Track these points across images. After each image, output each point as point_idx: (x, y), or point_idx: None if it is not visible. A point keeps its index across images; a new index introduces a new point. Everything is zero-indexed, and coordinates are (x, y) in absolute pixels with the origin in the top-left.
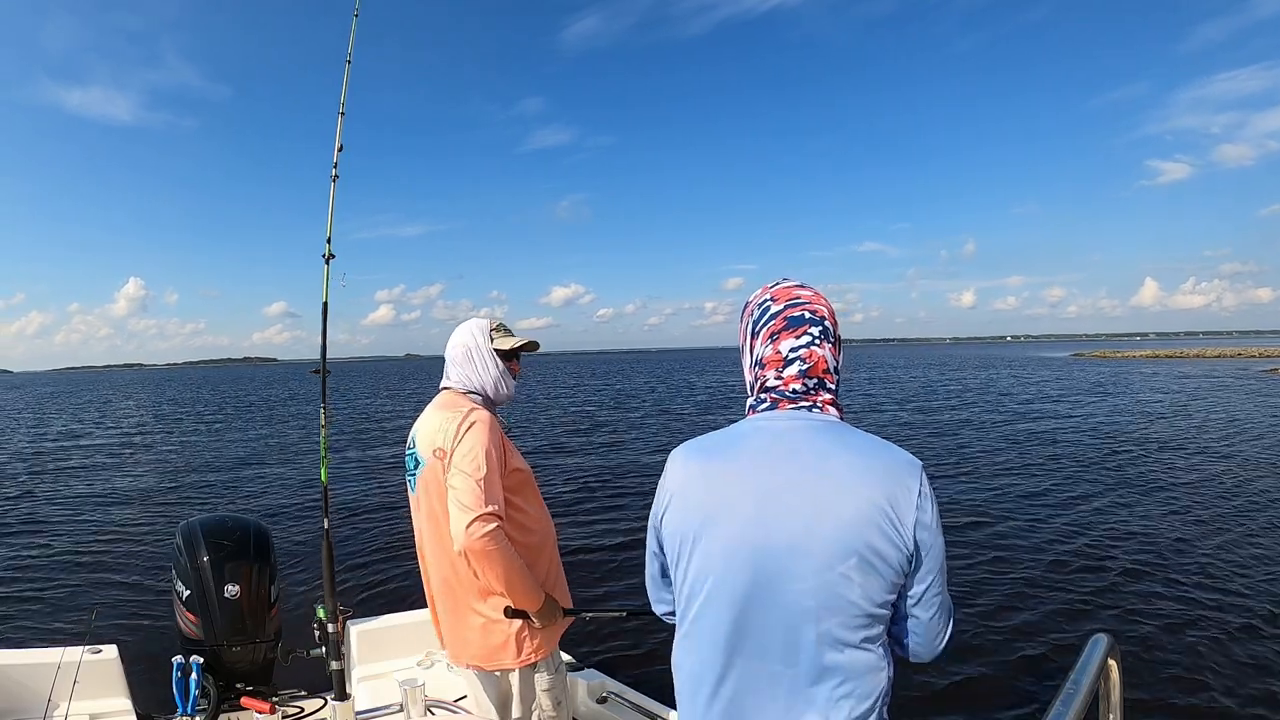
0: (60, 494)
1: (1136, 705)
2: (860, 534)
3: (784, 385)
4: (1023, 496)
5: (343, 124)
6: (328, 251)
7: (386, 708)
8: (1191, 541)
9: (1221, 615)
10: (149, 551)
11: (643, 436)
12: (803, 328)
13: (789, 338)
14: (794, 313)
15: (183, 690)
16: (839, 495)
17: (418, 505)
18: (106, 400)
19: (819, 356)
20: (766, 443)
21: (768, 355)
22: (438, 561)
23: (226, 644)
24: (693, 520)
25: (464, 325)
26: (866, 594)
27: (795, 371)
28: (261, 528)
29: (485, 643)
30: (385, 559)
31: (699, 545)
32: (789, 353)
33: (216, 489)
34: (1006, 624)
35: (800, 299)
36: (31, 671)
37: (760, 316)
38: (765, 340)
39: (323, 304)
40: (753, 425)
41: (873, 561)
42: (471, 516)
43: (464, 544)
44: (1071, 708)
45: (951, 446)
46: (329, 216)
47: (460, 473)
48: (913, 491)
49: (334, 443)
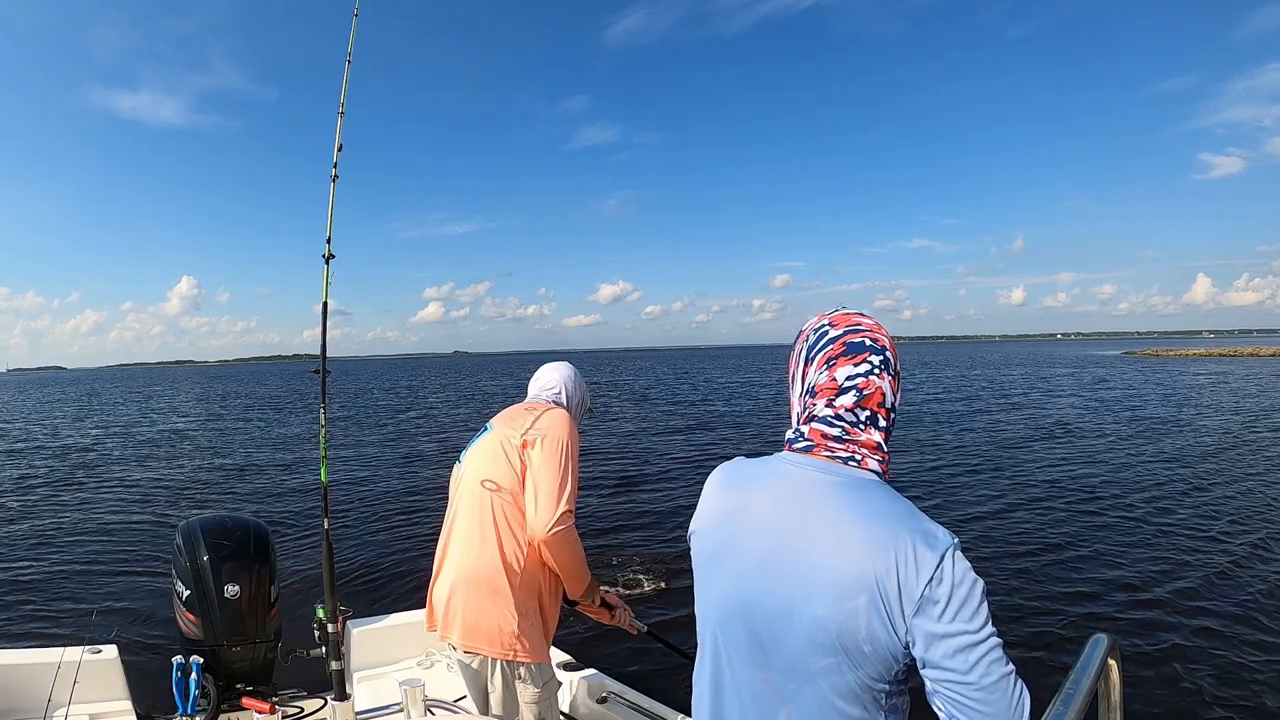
0: (61, 494)
1: (1137, 705)
2: (848, 614)
3: (834, 414)
4: (1023, 496)
5: (342, 123)
6: (327, 251)
7: (386, 708)
8: (1193, 541)
9: (1222, 615)
10: (149, 551)
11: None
12: (863, 355)
13: (847, 364)
14: (854, 339)
15: (183, 690)
16: (838, 562)
17: (461, 477)
18: (136, 399)
19: (877, 387)
20: (786, 493)
21: (821, 383)
22: (475, 539)
23: (226, 644)
24: (705, 556)
25: (564, 366)
26: (857, 673)
27: (850, 401)
28: (261, 528)
29: (500, 628)
30: (385, 559)
31: (706, 580)
32: (845, 380)
33: (217, 489)
34: (1006, 624)
35: (862, 326)
36: (31, 671)
37: (816, 341)
38: (820, 366)
39: (322, 304)
40: (780, 466)
41: (861, 644)
42: (558, 510)
43: (545, 533)
44: (1071, 708)
45: (945, 445)
46: (329, 216)
47: (548, 467)
48: (918, 580)
49: (348, 439)
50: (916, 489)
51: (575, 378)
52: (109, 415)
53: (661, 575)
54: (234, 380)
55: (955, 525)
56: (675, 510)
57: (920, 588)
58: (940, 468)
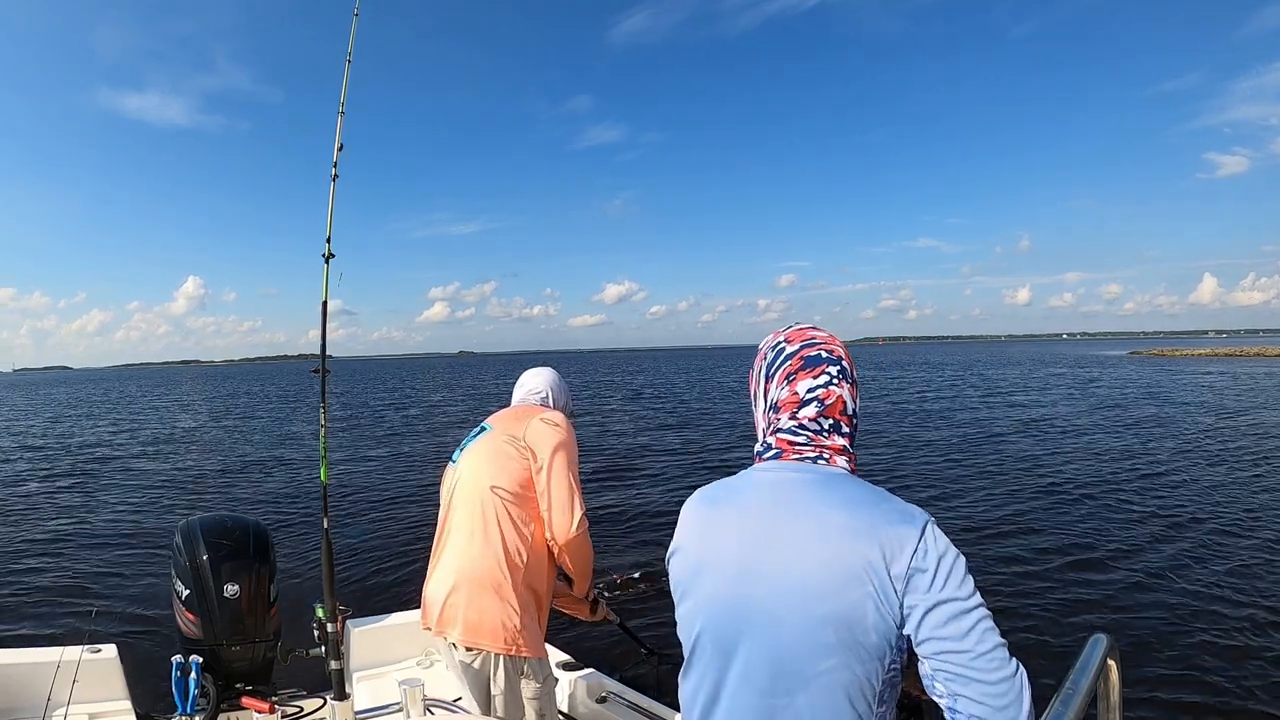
0: (60, 493)
1: (1136, 705)
2: (839, 602)
3: (798, 425)
4: (1023, 494)
5: (343, 123)
6: (327, 251)
7: (386, 708)
8: (1193, 541)
9: (1222, 616)
10: (149, 551)
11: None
12: (820, 367)
13: (806, 378)
14: (810, 352)
15: (182, 690)
16: (818, 558)
17: (459, 477)
18: (139, 398)
19: (837, 396)
20: (760, 495)
21: (783, 398)
22: (476, 536)
23: (226, 643)
24: (687, 570)
25: (548, 370)
26: (852, 664)
27: (812, 412)
28: (261, 527)
29: (504, 624)
30: (385, 559)
31: (689, 596)
32: (806, 393)
33: (217, 488)
34: (1005, 624)
35: (816, 339)
36: (31, 671)
37: (775, 359)
38: (781, 383)
39: (322, 303)
40: (751, 477)
41: (854, 630)
42: (578, 515)
43: (568, 537)
44: (1071, 708)
45: (944, 445)
46: (329, 216)
47: (562, 474)
48: (902, 555)
49: (348, 439)
50: (904, 486)
51: (559, 383)
52: (110, 415)
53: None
54: (238, 380)
55: (954, 528)
56: (656, 510)
57: (906, 562)
58: (934, 466)
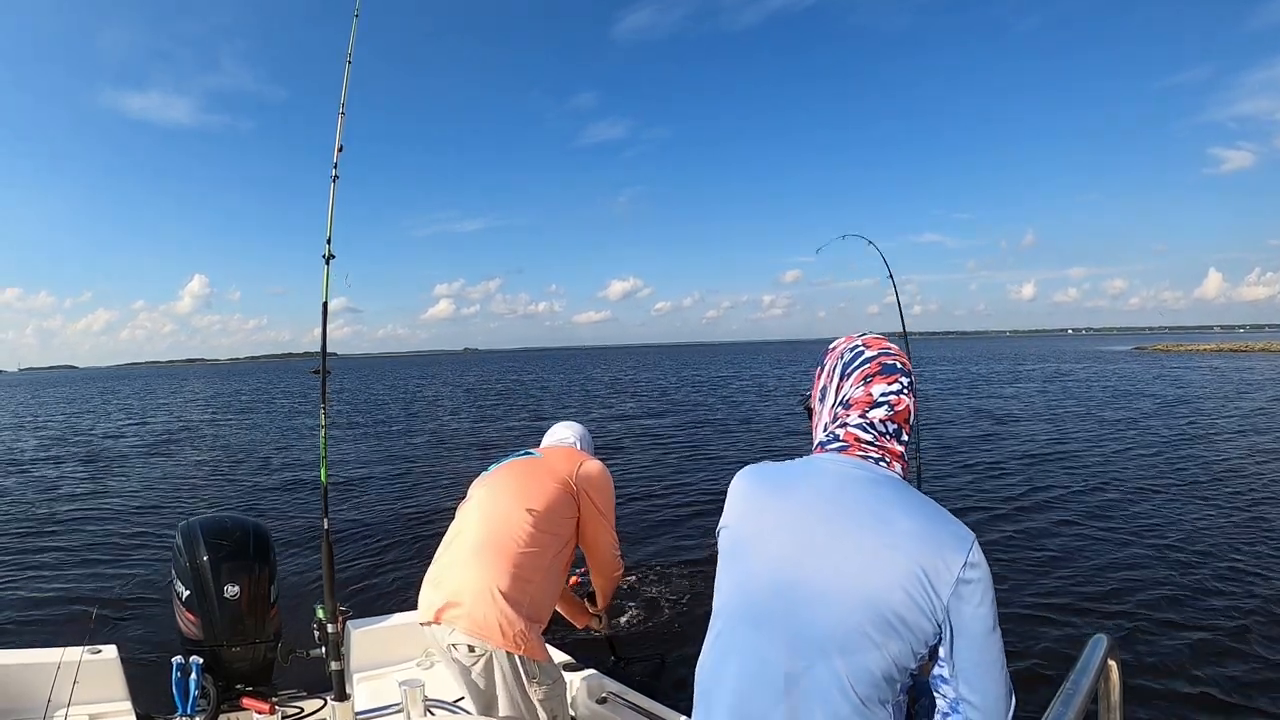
0: (60, 493)
1: (1137, 705)
2: (889, 595)
3: (867, 423)
4: (1023, 494)
5: (343, 124)
6: (328, 252)
7: (386, 708)
8: (1194, 541)
9: (1223, 616)
10: (149, 551)
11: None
12: (895, 375)
13: (882, 382)
14: (888, 360)
15: (182, 690)
16: (878, 553)
17: (494, 485)
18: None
19: (906, 405)
20: (827, 482)
21: (857, 396)
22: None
23: (226, 644)
24: (737, 542)
25: (577, 423)
26: (883, 654)
27: (882, 414)
28: (261, 528)
29: (510, 625)
30: (385, 559)
31: (736, 564)
32: (880, 396)
33: (218, 488)
34: (1005, 624)
35: (891, 350)
36: (31, 671)
37: (852, 360)
38: (858, 382)
39: (322, 304)
40: (818, 464)
41: (895, 625)
42: (620, 558)
43: (615, 575)
44: (1071, 708)
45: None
46: (329, 217)
47: (608, 516)
48: (954, 566)
49: (349, 439)
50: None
51: (587, 434)
52: (111, 415)
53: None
54: (242, 378)
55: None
56: (656, 507)
57: (956, 572)
58: (936, 468)
